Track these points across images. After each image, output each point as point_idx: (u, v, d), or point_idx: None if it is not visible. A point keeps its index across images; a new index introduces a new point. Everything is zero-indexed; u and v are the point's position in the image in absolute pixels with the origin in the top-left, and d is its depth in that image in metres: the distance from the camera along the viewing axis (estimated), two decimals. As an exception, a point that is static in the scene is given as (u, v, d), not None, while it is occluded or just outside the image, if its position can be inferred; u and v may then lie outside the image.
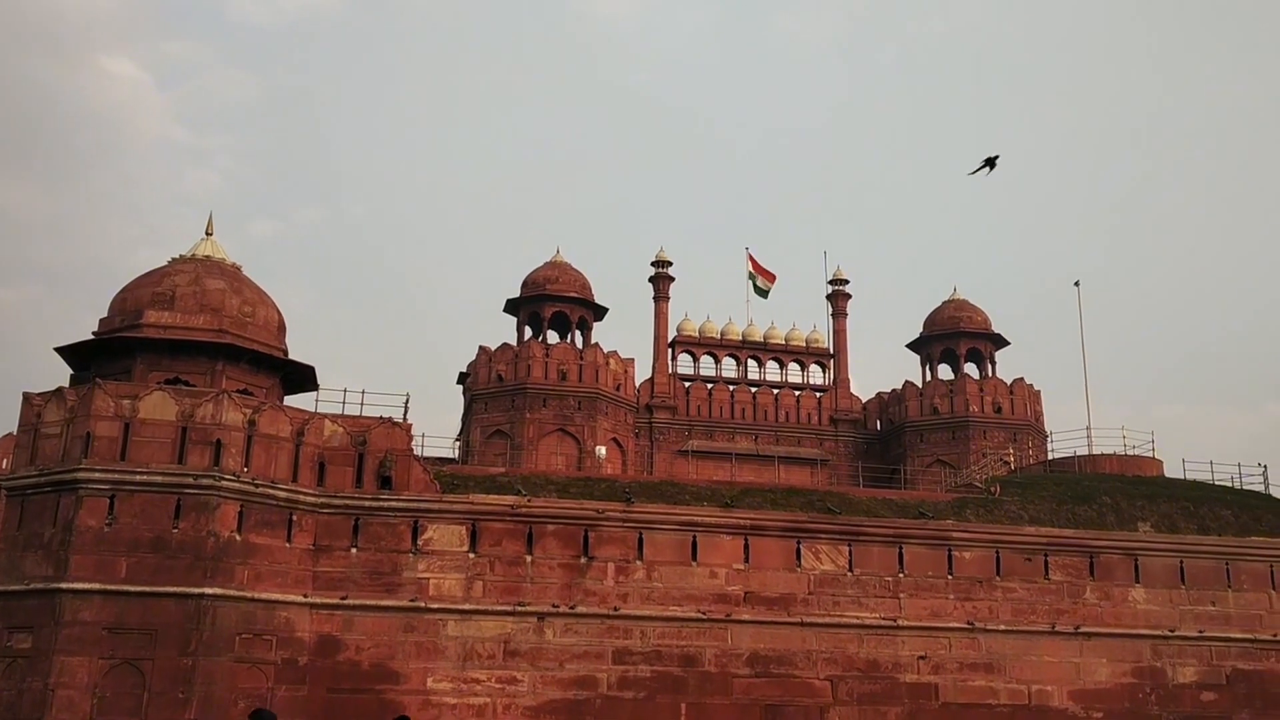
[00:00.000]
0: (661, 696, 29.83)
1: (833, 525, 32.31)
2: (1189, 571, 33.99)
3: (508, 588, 29.93)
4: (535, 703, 29.16)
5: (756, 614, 30.98)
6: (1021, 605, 32.60)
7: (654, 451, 54.58)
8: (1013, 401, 55.18)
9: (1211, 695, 32.97)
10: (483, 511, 30.39)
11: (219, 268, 33.02)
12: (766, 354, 59.77)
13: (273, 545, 28.33)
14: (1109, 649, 32.69)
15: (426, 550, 29.76)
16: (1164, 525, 35.26)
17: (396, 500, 29.90)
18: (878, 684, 31.08)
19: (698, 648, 30.41)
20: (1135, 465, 40.38)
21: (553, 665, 29.54)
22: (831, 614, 31.41)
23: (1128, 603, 33.29)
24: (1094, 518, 35.07)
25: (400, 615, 29.08)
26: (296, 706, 27.62)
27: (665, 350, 57.81)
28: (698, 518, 31.53)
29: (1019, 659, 32.03)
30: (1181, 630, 33.27)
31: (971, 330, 57.77)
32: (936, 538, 32.78)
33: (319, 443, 29.99)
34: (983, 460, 49.34)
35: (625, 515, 31.08)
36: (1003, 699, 31.62)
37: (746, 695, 30.30)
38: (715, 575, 31.13)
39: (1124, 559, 33.70)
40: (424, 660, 28.90)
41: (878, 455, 56.30)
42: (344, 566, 29.15)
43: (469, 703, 28.83)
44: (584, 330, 54.67)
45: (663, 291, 58.04)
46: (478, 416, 51.53)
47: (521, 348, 52.23)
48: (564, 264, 55.26)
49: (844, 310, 60.37)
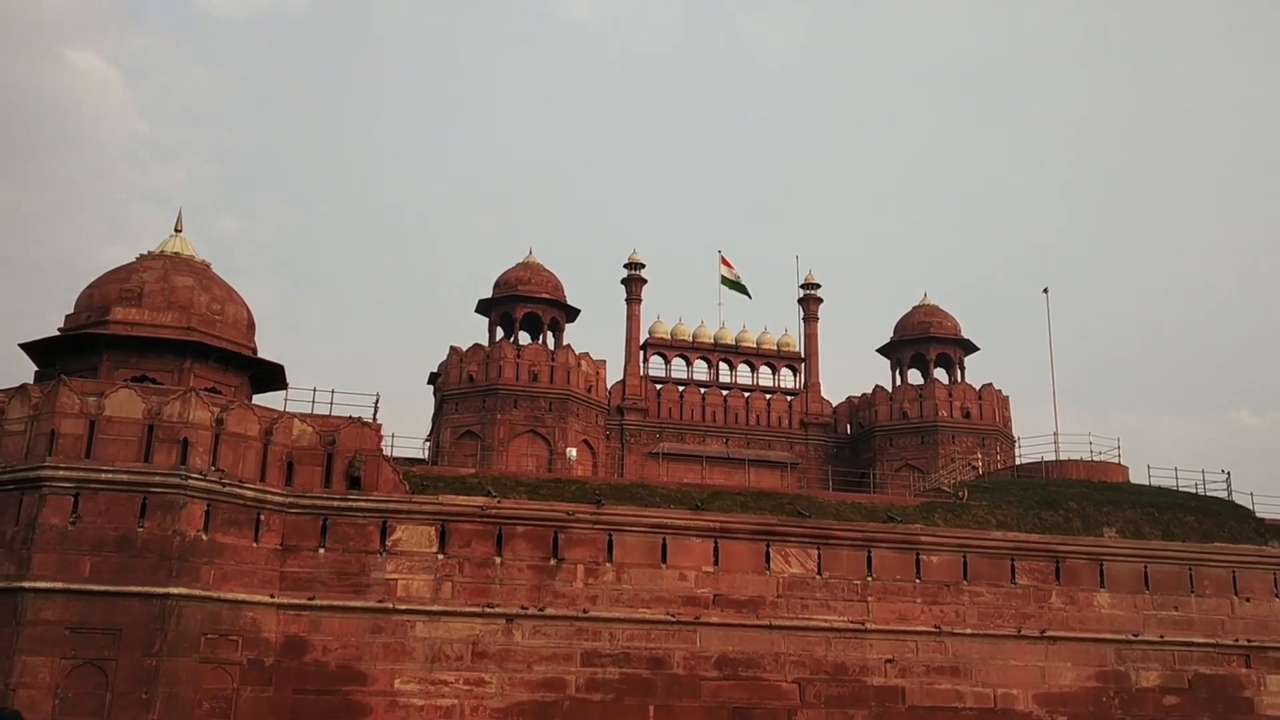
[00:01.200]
0: (629, 699, 29.85)
1: (802, 528, 32.43)
2: (1153, 577, 34.37)
3: (476, 589, 29.85)
4: (503, 704, 29.10)
5: (725, 616, 31.06)
6: (988, 609, 32.86)
7: (625, 453, 54.56)
8: (981, 407, 55.57)
9: (1174, 699, 33.35)
10: (452, 512, 30.30)
11: (188, 265, 32.78)
12: (738, 357, 59.89)
13: (239, 545, 28.12)
14: (1074, 653, 33.00)
15: (395, 551, 29.64)
16: (1129, 531, 35.63)
17: (365, 500, 29.76)
18: (845, 687, 31.22)
19: (666, 650, 30.45)
20: (1101, 471, 40.75)
21: (521, 667, 29.49)
22: (800, 617, 31.53)
23: (1093, 607, 33.62)
24: (1060, 523, 35.38)
25: (368, 616, 28.95)
26: (262, 707, 27.46)
27: (637, 352, 57.79)
28: (667, 520, 31.57)
29: (985, 663, 32.27)
30: (1145, 635, 33.64)
31: (941, 335, 58.12)
32: (905, 542, 32.97)
33: (287, 442, 29.81)
34: (951, 465, 49.66)
35: (595, 517, 31.08)
36: (968, 702, 31.85)
37: (714, 698, 30.37)
38: (685, 577, 31.18)
39: (1089, 564, 34.03)
40: (391, 661, 28.78)
41: (848, 459, 56.53)
42: (311, 567, 28.98)
43: (436, 704, 28.74)
44: (556, 331, 54.59)
45: (635, 294, 58.04)
46: (448, 417, 51.34)
47: (493, 348, 52.09)
48: (536, 265, 55.16)
49: (815, 314, 60.57)
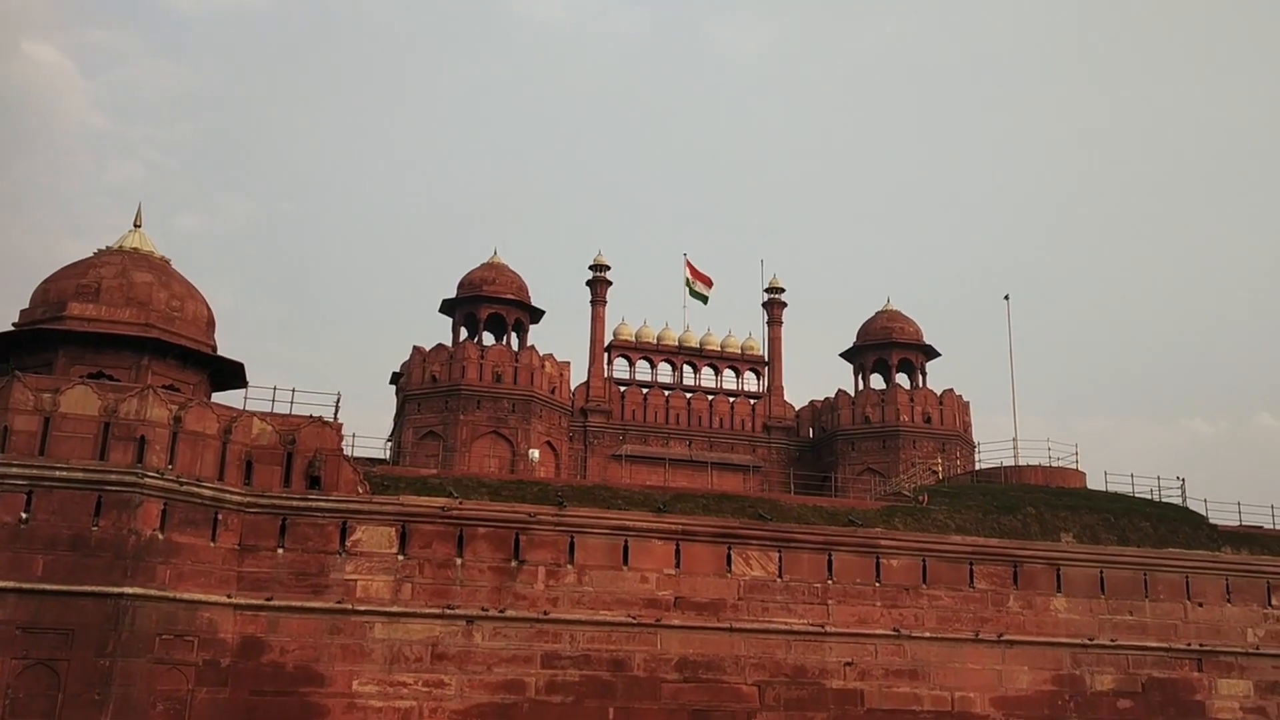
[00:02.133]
0: (589, 701, 29.81)
1: (763, 531, 32.54)
2: (1109, 581, 34.79)
3: (437, 590, 29.70)
4: (462, 706, 28.97)
5: (686, 619, 31.09)
6: (946, 613, 33.11)
7: (588, 455, 54.50)
8: (942, 412, 56.00)
9: (1128, 703, 33.76)
10: (413, 513, 30.13)
11: (147, 260, 32.40)
12: (702, 360, 60.01)
13: (196, 544, 27.81)
14: (1030, 657, 33.33)
15: (355, 551, 29.44)
16: (1086, 536, 36.04)
17: (325, 500, 29.54)
18: (804, 690, 31.35)
19: (627, 652, 30.44)
20: (1059, 477, 41.20)
21: (481, 669, 29.37)
22: (760, 620, 31.62)
23: (1049, 611, 33.96)
24: (1018, 528, 35.73)
25: (326, 617, 28.72)
26: (218, 708, 27.17)
27: (601, 354, 57.77)
28: (630, 522, 31.57)
29: (943, 666, 32.51)
30: (1100, 639, 34.04)
31: (903, 341, 58.54)
32: (865, 545, 33.16)
33: (247, 441, 29.51)
34: (912, 469, 50.01)
35: (557, 519, 31.02)
36: (926, 705, 32.07)
37: (674, 700, 30.39)
38: (646, 580, 31.20)
39: (1047, 569, 34.39)
40: (350, 663, 28.57)
41: (810, 463, 56.79)
42: (270, 567, 28.72)
43: (395, 706, 28.56)
44: (520, 332, 54.44)
45: (600, 295, 58.00)
46: (410, 417, 51.05)
47: (456, 349, 51.85)
48: (501, 265, 54.98)
49: (779, 318, 60.82)
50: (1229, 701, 34.69)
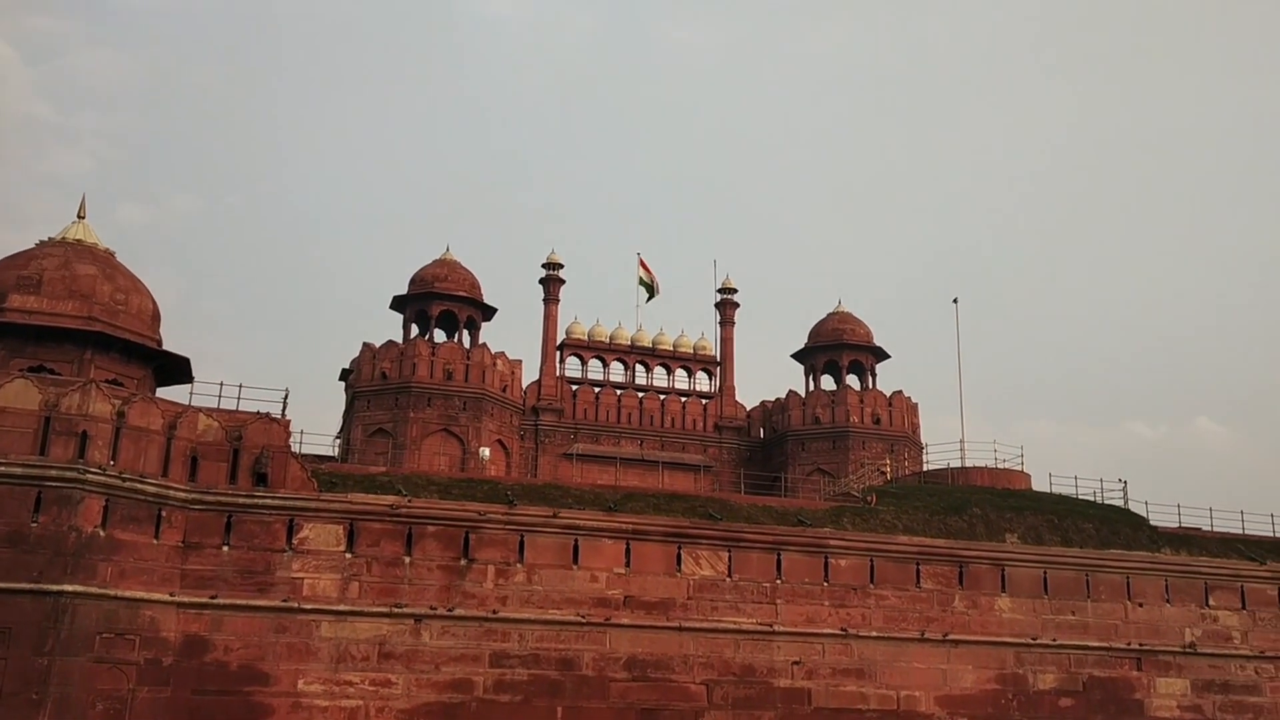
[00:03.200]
0: (538, 700, 29.74)
1: (713, 531, 32.64)
2: (1052, 582, 35.29)
3: (385, 589, 29.48)
4: (409, 705, 28.78)
5: (636, 618, 31.12)
6: (893, 613, 33.42)
7: (539, 454, 54.38)
8: (891, 413, 56.53)
9: (1069, 701, 34.28)
10: (361, 511, 29.89)
11: (90, 253, 31.87)
12: (654, 359, 60.11)
13: (139, 542, 27.37)
14: (975, 656, 33.73)
15: (302, 549, 29.13)
16: (1030, 537, 36.54)
17: (272, 498, 29.20)
18: (752, 689, 31.50)
19: (576, 651, 30.40)
20: (1005, 478, 41.74)
21: (428, 668, 29.20)
22: (710, 619, 31.73)
23: (994, 611, 34.40)
24: (964, 528, 36.15)
25: (272, 615, 28.39)
26: (159, 708, 26.77)
27: (554, 353, 57.66)
28: (580, 521, 31.53)
29: (889, 665, 32.82)
30: (1043, 639, 34.52)
31: (854, 342, 59.03)
32: (814, 545, 33.38)
33: (192, 437, 29.10)
34: (861, 470, 50.42)
35: (507, 518, 30.91)
36: (873, 704, 32.35)
37: (623, 699, 30.40)
38: (596, 579, 31.17)
39: (992, 569, 34.82)
40: (295, 662, 28.27)
41: (760, 463, 57.09)
42: (214, 565, 28.34)
43: (341, 705, 28.31)
44: (472, 330, 54.19)
45: (553, 294, 57.88)
46: (360, 414, 50.64)
47: (407, 345, 51.51)
48: (453, 262, 54.68)
49: (731, 319, 61.08)
50: (1167, 700, 35.35)
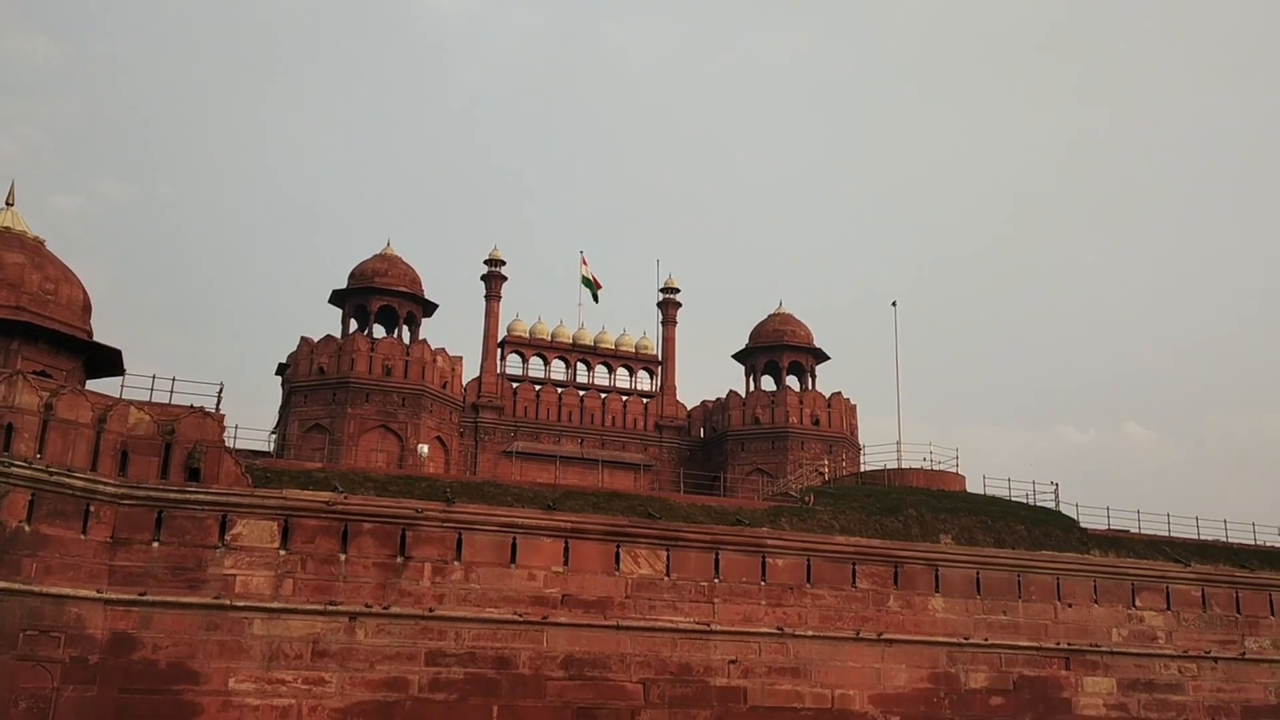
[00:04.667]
0: (474, 698, 29.58)
1: (652, 530, 32.70)
2: (984, 582, 35.84)
3: (320, 586, 29.13)
4: (343, 704, 28.46)
5: (573, 617, 31.07)
6: (829, 612, 33.72)
7: (478, 451, 54.09)
8: (830, 414, 57.03)
9: (999, 700, 34.84)
10: (296, 507, 29.50)
11: (19, 241, 31.15)
12: (596, 358, 60.07)
13: (66, 537, 26.77)
14: (908, 655, 34.15)
15: (235, 546, 28.69)
16: (964, 538, 37.08)
17: (204, 493, 28.72)
18: (689, 687, 31.60)
19: (513, 650, 30.28)
20: (940, 480, 42.30)
21: (363, 666, 28.91)
22: (647, 618, 31.77)
23: (928, 611, 34.84)
24: (900, 529, 36.59)
25: (203, 613, 27.93)
26: (84, 707, 26.20)
27: (495, 350, 57.39)
28: (519, 519, 31.41)
29: (824, 664, 33.11)
30: (975, 638, 35.05)
31: (794, 344, 59.48)
32: (752, 545, 33.57)
33: (123, 430, 28.52)
34: (799, 470, 50.82)
35: (445, 515, 30.70)
36: (807, 702, 32.62)
37: (560, 698, 30.34)
38: (534, 577, 31.07)
39: (926, 569, 35.28)
40: (226, 660, 27.84)
41: (700, 462, 57.30)
42: (144, 561, 27.80)
43: (273, 704, 27.92)
44: (412, 326, 53.75)
45: (495, 290, 57.60)
46: (296, 409, 49.99)
47: (346, 340, 50.96)
48: (394, 257, 54.19)
49: (674, 318, 61.23)
50: (1094, 698, 36.07)
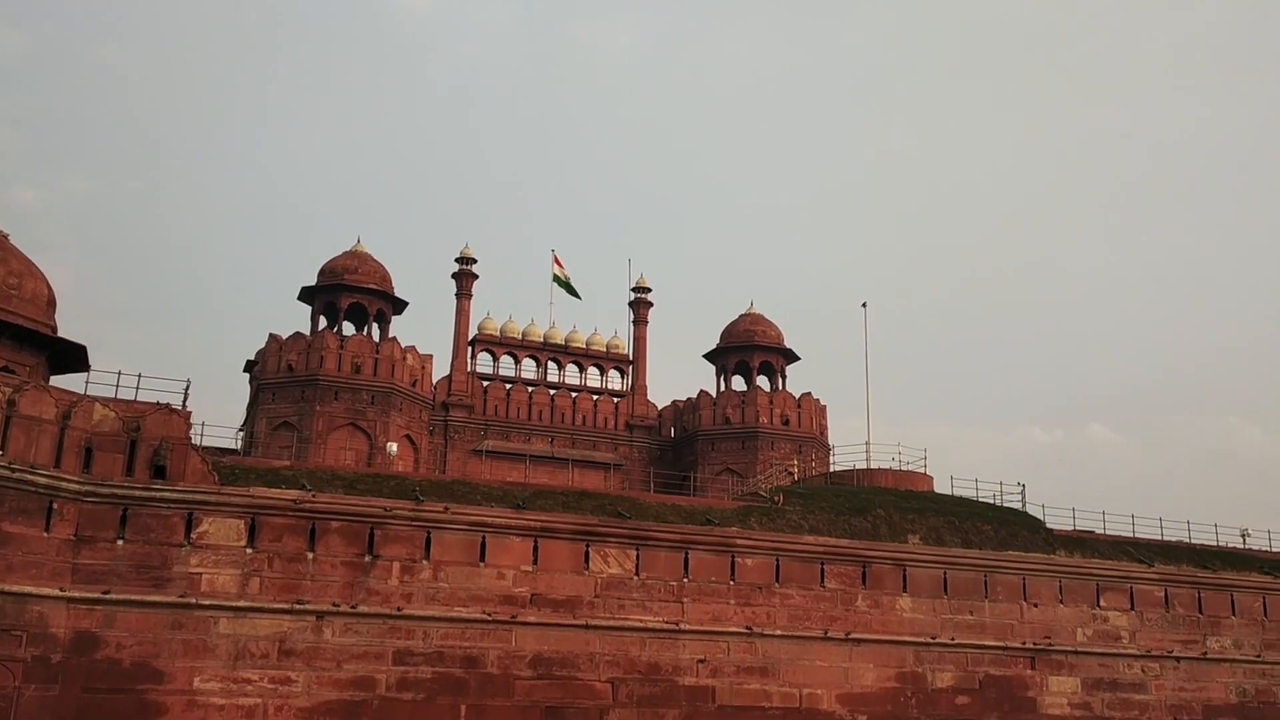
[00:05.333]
0: (442, 698, 29.46)
1: (622, 529, 32.69)
2: (951, 582, 36.07)
3: (286, 585, 28.92)
4: (309, 704, 28.27)
5: (542, 616, 31.01)
6: (798, 612, 33.83)
7: (448, 450, 53.94)
8: (800, 415, 57.26)
9: (965, 699, 35.07)
10: (263, 505, 29.27)
11: (-18, 234, 30.71)
12: (567, 357, 60.04)
13: (28, 534, 26.43)
14: (876, 654, 34.31)
15: (200, 544, 28.44)
16: (931, 538, 37.31)
17: (170, 491, 28.44)
18: (657, 687, 31.62)
19: (481, 649, 30.19)
20: (908, 480, 42.56)
21: (330, 665, 28.73)
22: (616, 617, 31.76)
23: (895, 611, 35.03)
24: (868, 529, 36.77)
25: (168, 612, 27.66)
26: (47, 707, 25.88)
27: (465, 348, 57.25)
28: (488, 518, 31.32)
29: (793, 663, 33.21)
30: (942, 638, 35.26)
31: (765, 344, 59.70)
32: (721, 544, 33.63)
33: (87, 427, 28.20)
34: (769, 470, 50.97)
35: (414, 514, 30.56)
36: (775, 702, 32.71)
37: (528, 697, 30.28)
38: (503, 576, 30.99)
39: (894, 569, 35.46)
40: (191, 659, 27.58)
41: (671, 462, 57.38)
42: (108, 559, 27.50)
43: (238, 703, 27.69)
44: (382, 323, 53.52)
45: (466, 289, 57.44)
46: (264, 407, 49.66)
47: (315, 338, 50.67)
48: (364, 254, 53.94)
49: (645, 318, 61.29)
50: (1059, 698, 36.37)
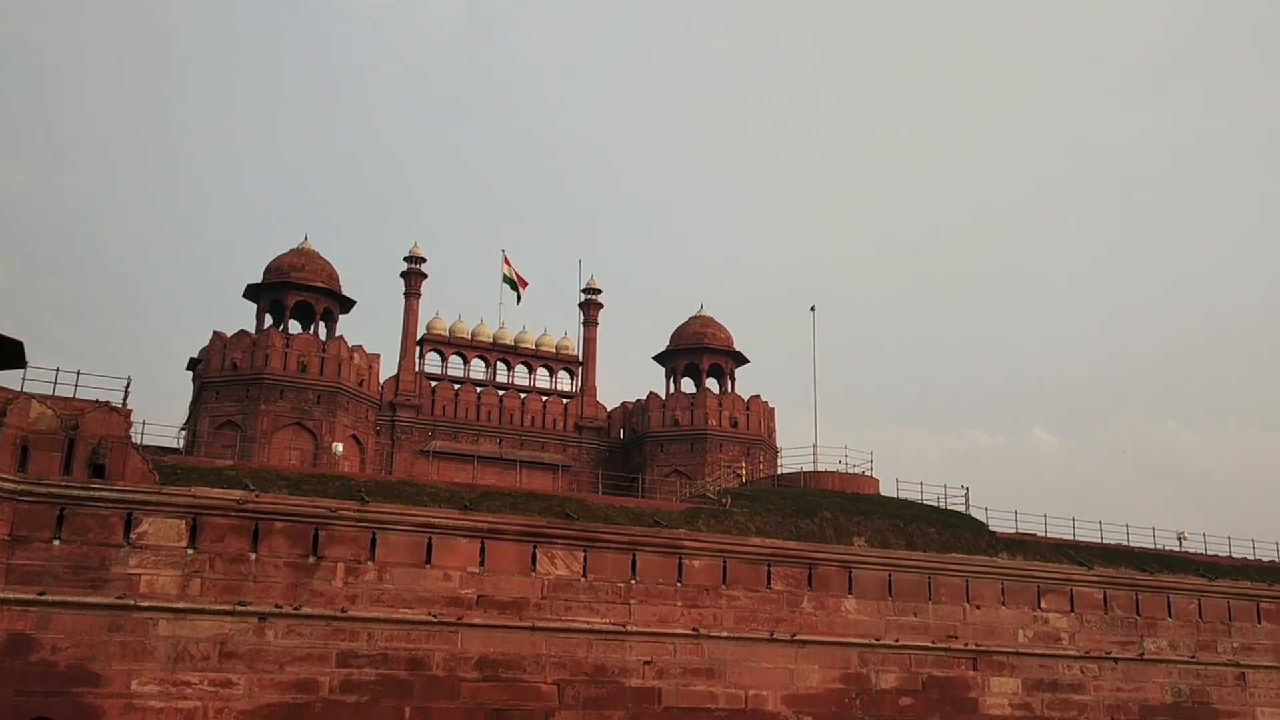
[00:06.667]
0: (386, 700, 29.20)
1: (570, 531, 32.62)
2: (896, 584, 36.42)
3: (228, 586, 28.52)
4: (250, 706, 27.90)
5: (488, 618, 30.86)
6: (744, 613, 33.96)
7: (395, 450, 53.51)
8: (748, 417, 57.52)
9: (909, 700, 35.42)
10: (205, 505, 28.84)
11: (-84, 226, 29.97)
12: (516, 357, 59.82)
13: (-39, 534, 25.84)
14: (821, 656, 34.54)
15: (140, 544, 27.96)
16: (877, 540, 37.62)
17: (109, 490, 27.94)
18: (604, 688, 31.58)
19: (426, 651, 29.97)
20: (854, 483, 42.84)
21: (272, 668, 28.36)
22: (563, 619, 31.68)
23: (840, 612, 35.29)
24: (815, 531, 37.00)
25: (105, 613, 27.16)
26: (-22, 711, 25.31)
27: (413, 348, 56.83)
28: (434, 519, 31.11)
29: (739, 665, 33.33)
30: (886, 639, 35.58)
31: (715, 347, 59.90)
32: (669, 546, 33.68)
33: (23, 425, 27.62)
34: (717, 472, 51.12)
35: (359, 515, 30.27)
36: (721, 703, 32.81)
37: (473, 699, 30.11)
38: (449, 578, 30.80)
39: (839, 571, 35.73)
40: (130, 661, 27.11)
41: (619, 463, 57.37)
42: (44, 559, 26.94)
43: (177, 706, 27.26)
44: (329, 322, 52.99)
45: (414, 288, 57.03)
46: (208, 406, 48.94)
47: (260, 336, 50.04)
48: (311, 252, 53.37)
49: (595, 319, 61.24)
50: (999, 698, 36.85)
